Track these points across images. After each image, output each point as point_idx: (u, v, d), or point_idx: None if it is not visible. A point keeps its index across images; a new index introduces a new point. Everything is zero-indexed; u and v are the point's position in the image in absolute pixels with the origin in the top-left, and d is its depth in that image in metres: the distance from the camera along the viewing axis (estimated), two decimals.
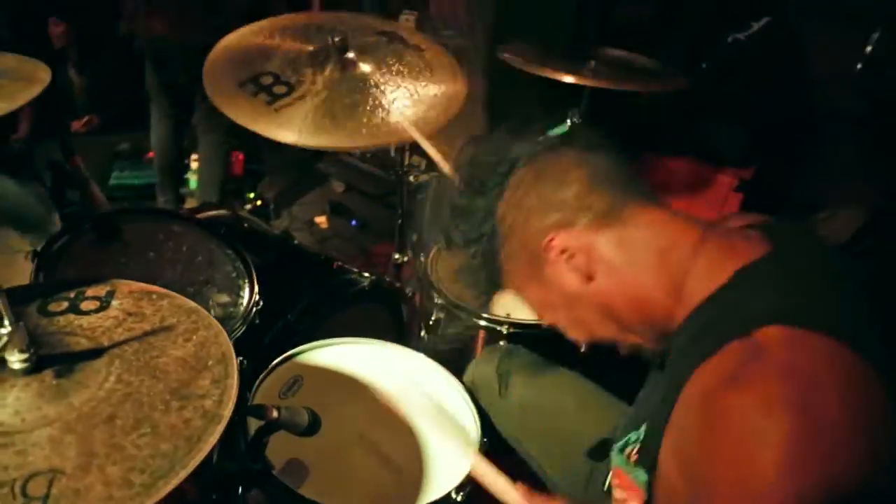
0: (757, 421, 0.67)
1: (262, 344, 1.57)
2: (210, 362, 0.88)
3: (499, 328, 1.66)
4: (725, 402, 0.70)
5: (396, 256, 2.24)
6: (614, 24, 2.58)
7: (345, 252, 3.18)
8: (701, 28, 2.45)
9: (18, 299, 0.93)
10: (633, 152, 2.51)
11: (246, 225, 1.91)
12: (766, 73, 2.35)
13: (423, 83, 1.66)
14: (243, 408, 1.10)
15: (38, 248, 1.18)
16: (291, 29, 1.65)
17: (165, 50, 2.69)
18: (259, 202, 3.18)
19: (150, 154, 3.25)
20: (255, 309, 1.36)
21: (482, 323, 1.69)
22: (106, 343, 0.88)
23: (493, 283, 1.03)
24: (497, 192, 0.94)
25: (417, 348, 1.53)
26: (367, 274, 1.78)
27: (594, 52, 2.02)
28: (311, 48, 1.63)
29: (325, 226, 3.39)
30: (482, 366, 1.52)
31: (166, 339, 0.91)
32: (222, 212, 1.89)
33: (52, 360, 0.82)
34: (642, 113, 2.42)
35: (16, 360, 0.79)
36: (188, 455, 0.76)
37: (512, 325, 1.66)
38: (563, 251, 0.89)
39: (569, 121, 1.99)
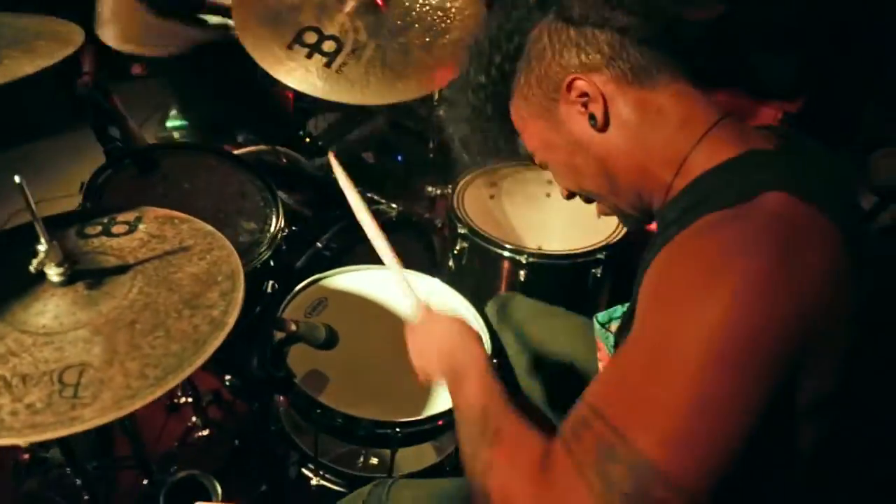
0: (736, 248, 0.66)
1: (294, 269, 1.70)
2: (220, 278, 0.99)
3: (518, 257, 1.73)
4: (709, 236, 0.70)
5: (430, 189, 2.31)
6: None
7: (387, 188, 3.27)
8: None
9: (61, 224, 1.07)
10: None
11: (284, 160, 2.02)
12: None
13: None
14: (268, 321, 1.23)
15: (85, 182, 1.32)
16: None
17: None
18: (307, 139, 3.27)
19: None
20: (280, 235, 1.47)
21: (505, 253, 1.75)
22: (131, 261, 1.01)
23: (500, 128, 0.99)
24: (537, 8, 0.90)
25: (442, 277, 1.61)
26: (394, 206, 1.87)
27: None
28: None
29: (371, 161, 3.48)
30: (491, 306, 1.58)
31: (183, 257, 1.02)
32: (263, 148, 2.00)
33: (85, 275, 0.96)
34: None
35: (54, 273, 0.92)
36: (195, 355, 0.88)
37: (531, 255, 1.72)
38: (583, 94, 0.86)
39: None
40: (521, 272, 1.75)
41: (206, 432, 1.89)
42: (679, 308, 0.66)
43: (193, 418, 1.89)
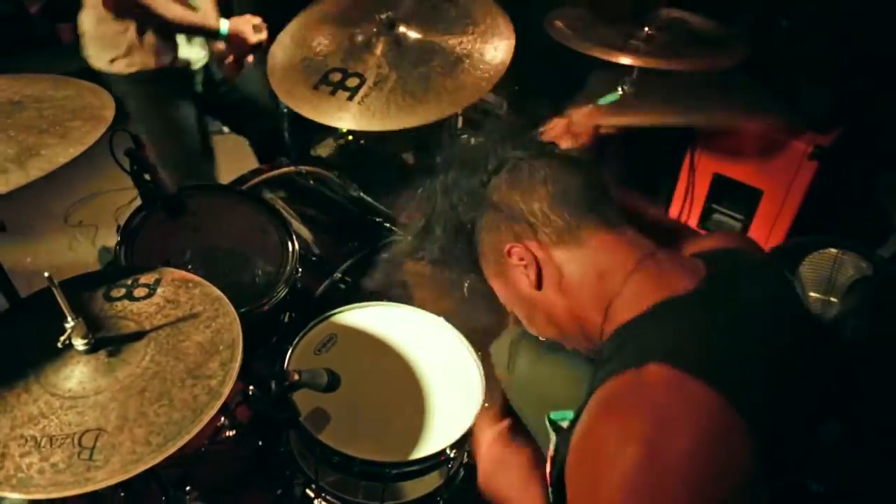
0: (611, 447, 0.77)
1: (312, 297, 1.83)
2: (221, 347, 1.12)
3: None
4: (597, 424, 0.82)
5: None
6: None
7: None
8: None
9: (91, 285, 1.22)
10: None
11: (311, 182, 2.13)
12: (861, 27, 2.17)
13: (470, 33, 1.74)
14: (265, 374, 1.36)
15: (121, 224, 1.47)
16: (329, 17, 1.75)
17: None
18: (350, 137, 3.37)
19: None
20: (296, 276, 1.59)
21: None
22: (147, 327, 1.14)
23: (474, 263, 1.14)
24: (483, 187, 1.05)
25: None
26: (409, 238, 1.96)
27: (651, 14, 1.97)
28: (358, 31, 1.75)
29: (411, 161, 3.57)
30: (497, 343, 1.67)
31: (192, 324, 1.15)
32: (290, 169, 2.12)
33: (106, 342, 1.10)
34: None
35: (80, 344, 1.07)
36: (192, 423, 1.01)
37: None
38: (521, 259, 1.01)
39: (620, 89, 2.00)
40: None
41: (232, 433, 2.06)
42: (588, 478, 0.81)
43: (222, 419, 2.06)
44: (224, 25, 2.05)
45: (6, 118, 1.17)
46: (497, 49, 1.71)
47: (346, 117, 1.67)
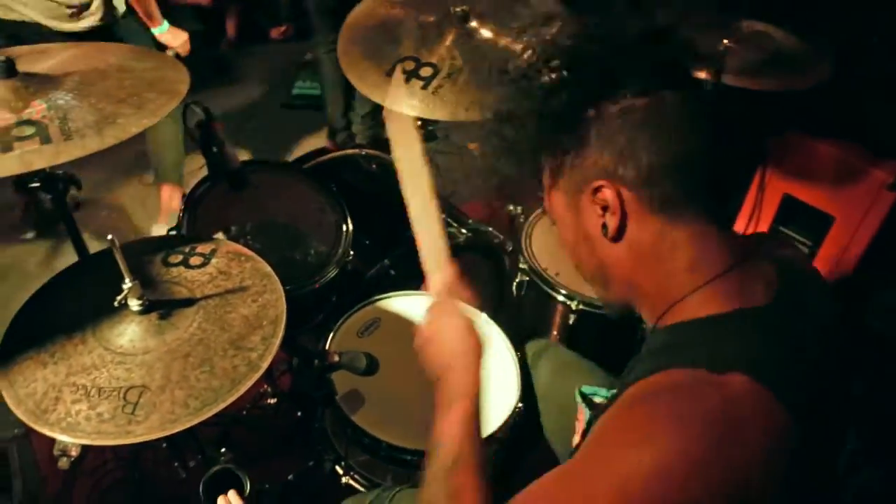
0: (678, 422, 0.71)
1: (361, 280, 1.87)
2: (265, 322, 1.17)
3: (570, 303, 1.80)
4: (664, 399, 0.75)
5: (511, 208, 2.39)
6: None
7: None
8: None
9: (152, 249, 1.29)
10: (777, 129, 2.34)
11: (374, 165, 2.17)
12: None
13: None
14: (309, 351, 1.41)
15: (186, 192, 1.54)
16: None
17: None
18: (419, 122, 3.38)
19: None
20: (347, 259, 1.63)
21: (559, 297, 1.83)
22: (198, 295, 1.20)
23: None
24: (598, 92, 0.84)
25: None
26: (464, 230, 1.97)
27: (732, 26, 1.89)
28: (431, 20, 1.75)
29: (477, 151, 3.58)
30: (528, 349, 1.67)
31: (240, 297, 1.21)
32: (354, 152, 2.16)
33: (159, 305, 1.16)
34: None
35: (134, 304, 1.13)
36: (228, 392, 1.06)
37: (583, 302, 1.79)
38: (604, 202, 0.85)
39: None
40: (572, 317, 1.82)
41: (273, 400, 2.14)
42: (609, 451, 0.75)
43: (265, 385, 2.14)
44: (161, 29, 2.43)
45: (91, 86, 1.24)
46: None
47: (420, 106, 1.65)
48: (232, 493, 1.19)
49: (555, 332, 1.91)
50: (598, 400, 1.25)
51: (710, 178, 0.85)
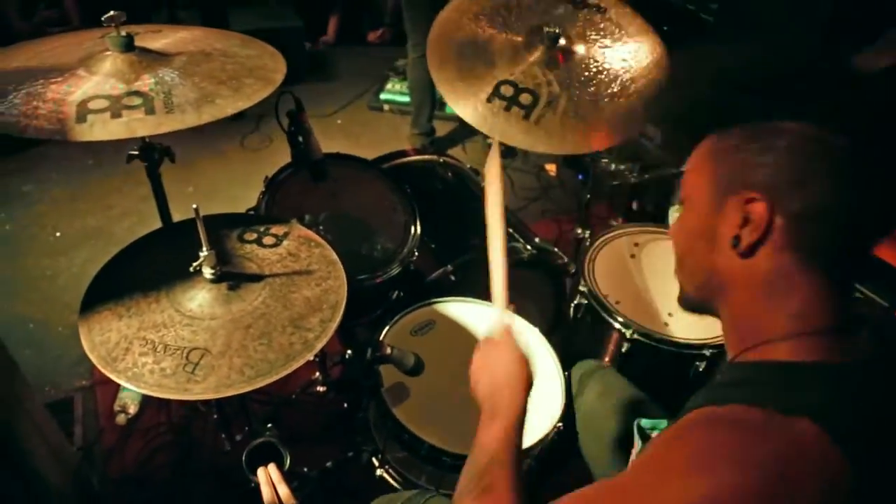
0: (738, 457, 0.70)
1: (423, 282, 1.91)
2: (325, 306, 1.21)
3: (625, 331, 1.78)
4: (729, 431, 0.74)
5: (578, 231, 2.39)
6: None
7: (562, 204, 3.34)
8: None
9: (230, 224, 1.36)
10: None
11: (450, 174, 2.21)
12: None
13: (623, 42, 1.70)
14: (363, 342, 1.45)
15: (269, 175, 1.62)
16: (483, 13, 1.74)
17: None
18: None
19: None
20: (411, 259, 1.67)
21: (615, 324, 1.81)
22: (267, 272, 1.27)
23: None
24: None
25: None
26: (529, 247, 1.99)
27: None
28: (520, 40, 1.78)
29: (553, 174, 3.58)
30: (577, 369, 1.67)
31: (305, 279, 1.26)
32: (433, 158, 2.21)
33: (230, 277, 1.23)
34: None
35: (208, 272, 1.20)
36: (282, 367, 1.11)
37: (638, 332, 1.77)
38: (746, 215, 0.82)
39: None
40: (625, 345, 1.80)
41: (323, 389, 2.20)
42: (664, 473, 0.74)
43: (318, 373, 2.21)
44: None
45: (196, 66, 1.33)
46: (650, 67, 1.67)
47: (524, 139, 1.61)
48: (272, 466, 1.24)
49: (606, 359, 1.89)
50: (654, 434, 1.24)
51: (860, 241, 0.84)
